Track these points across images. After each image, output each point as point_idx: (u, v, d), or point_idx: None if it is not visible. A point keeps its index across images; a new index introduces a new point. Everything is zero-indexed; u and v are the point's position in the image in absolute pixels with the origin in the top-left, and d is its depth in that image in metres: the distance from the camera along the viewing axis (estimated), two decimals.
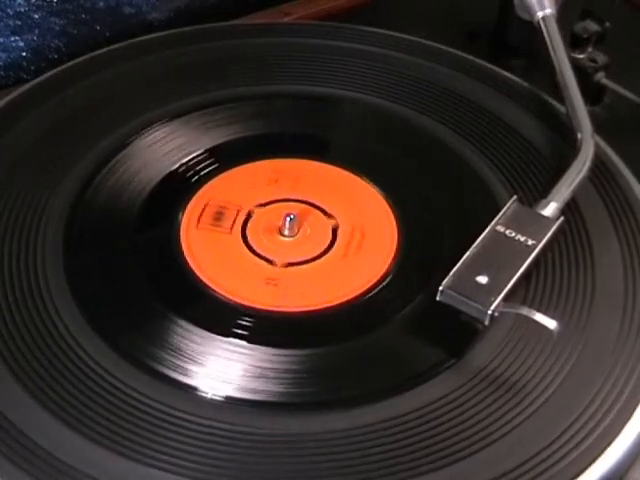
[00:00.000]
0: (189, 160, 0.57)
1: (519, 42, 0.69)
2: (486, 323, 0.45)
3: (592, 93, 0.64)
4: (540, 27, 0.61)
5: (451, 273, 0.46)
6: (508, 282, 0.46)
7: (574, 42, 0.65)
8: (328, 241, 0.53)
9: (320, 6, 0.74)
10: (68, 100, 0.59)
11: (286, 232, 0.52)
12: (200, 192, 0.55)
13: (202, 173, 0.56)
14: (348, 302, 0.49)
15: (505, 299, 0.45)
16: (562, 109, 0.59)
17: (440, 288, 0.46)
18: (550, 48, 0.60)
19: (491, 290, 0.45)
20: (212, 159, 0.57)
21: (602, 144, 0.57)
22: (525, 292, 0.49)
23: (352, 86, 0.63)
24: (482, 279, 0.46)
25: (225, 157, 0.57)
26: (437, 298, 0.46)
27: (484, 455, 0.42)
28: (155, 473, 0.41)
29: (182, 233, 0.52)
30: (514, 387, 0.44)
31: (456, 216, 0.54)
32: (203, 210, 0.54)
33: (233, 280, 0.50)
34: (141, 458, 0.41)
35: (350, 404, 0.44)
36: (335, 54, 0.65)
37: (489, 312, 0.44)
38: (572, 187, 0.51)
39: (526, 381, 0.45)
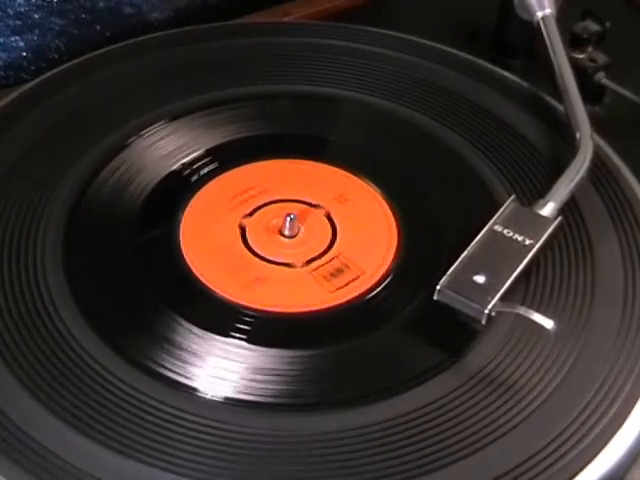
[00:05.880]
0: (189, 160, 0.57)
1: (519, 42, 0.69)
2: (483, 322, 0.45)
3: (592, 93, 0.64)
4: (540, 27, 0.61)
5: (448, 272, 0.46)
6: (505, 282, 0.46)
7: (574, 42, 0.65)
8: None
9: (320, 6, 0.74)
10: (68, 100, 0.60)
11: (286, 232, 0.52)
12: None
13: (202, 173, 0.56)
14: (348, 302, 0.49)
15: (502, 298, 0.45)
16: (561, 109, 0.59)
17: (437, 287, 0.46)
18: (550, 48, 0.60)
19: (488, 289, 0.45)
20: (212, 159, 0.57)
21: (602, 143, 0.57)
22: (525, 291, 0.49)
23: (352, 86, 0.63)
24: (479, 278, 0.46)
25: (225, 157, 0.57)
26: (434, 297, 0.46)
27: (483, 455, 0.42)
28: (153, 472, 0.41)
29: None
30: (513, 387, 0.45)
31: (456, 216, 0.54)
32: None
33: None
34: (140, 457, 0.41)
35: (349, 404, 0.44)
36: (336, 54, 0.65)
37: (486, 311, 0.44)
38: (570, 187, 0.51)
39: (525, 380, 0.45)
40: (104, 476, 0.40)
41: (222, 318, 0.48)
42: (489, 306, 0.45)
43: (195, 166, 0.56)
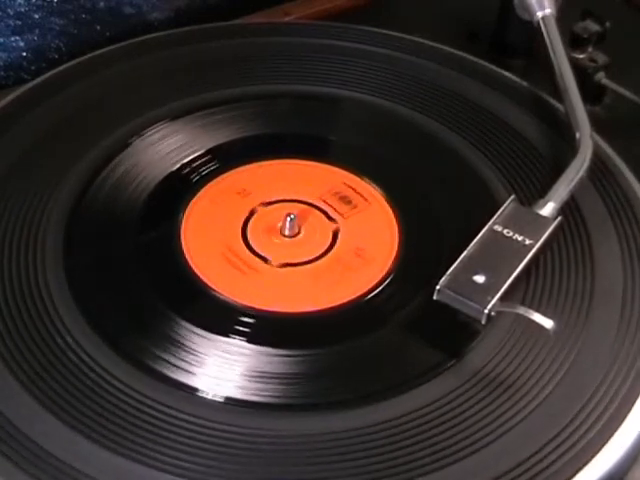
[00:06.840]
0: (190, 160, 0.57)
1: (519, 42, 0.69)
2: (483, 322, 0.45)
3: (592, 93, 0.64)
4: (540, 27, 0.61)
5: (448, 272, 0.46)
6: (505, 281, 0.46)
7: (574, 42, 0.65)
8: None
9: (320, 6, 0.74)
10: (68, 100, 0.60)
11: (286, 232, 0.52)
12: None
13: (203, 173, 0.56)
14: (348, 302, 0.49)
15: (502, 298, 0.45)
16: (562, 109, 0.59)
17: (437, 287, 0.46)
18: (550, 48, 0.60)
19: (488, 289, 0.45)
20: (212, 159, 0.57)
21: (602, 143, 0.57)
22: (525, 291, 0.49)
23: (352, 86, 0.63)
24: (479, 278, 0.46)
25: (225, 157, 0.57)
26: (434, 297, 0.46)
27: (483, 455, 0.42)
28: (153, 472, 0.41)
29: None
30: (513, 386, 0.45)
31: (456, 216, 0.54)
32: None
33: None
34: (140, 458, 0.41)
35: (349, 405, 0.44)
36: (335, 54, 0.65)
37: (486, 311, 0.44)
38: (570, 187, 0.51)
39: (525, 380, 0.45)
40: (103, 477, 0.40)
41: (222, 318, 0.48)
42: (489, 306, 0.45)
43: (195, 166, 0.56)
